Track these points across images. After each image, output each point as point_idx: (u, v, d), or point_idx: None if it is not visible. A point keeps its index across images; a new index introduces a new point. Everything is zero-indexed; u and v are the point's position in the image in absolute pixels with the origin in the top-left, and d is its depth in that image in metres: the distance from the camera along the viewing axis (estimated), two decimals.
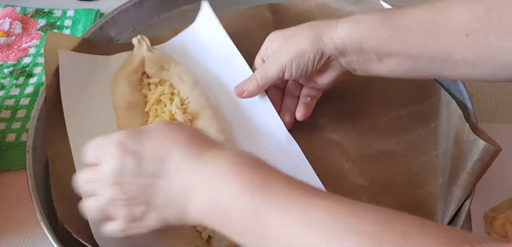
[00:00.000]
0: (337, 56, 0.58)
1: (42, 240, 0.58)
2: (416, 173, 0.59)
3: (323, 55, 0.58)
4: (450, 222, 0.54)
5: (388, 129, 0.63)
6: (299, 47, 0.58)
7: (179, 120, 0.60)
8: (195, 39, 0.71)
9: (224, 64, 0.67)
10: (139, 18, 0.76)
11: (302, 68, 0.59)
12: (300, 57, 0.58)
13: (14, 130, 0.68)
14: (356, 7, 0.75)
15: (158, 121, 0.55)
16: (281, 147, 0.60)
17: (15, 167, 0.64)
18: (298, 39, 0.58)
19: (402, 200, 0.57)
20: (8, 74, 0.74)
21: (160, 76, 0.66)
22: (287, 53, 0.59)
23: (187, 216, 0.43)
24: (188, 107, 0.62)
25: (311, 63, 0.58)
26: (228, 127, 0.62)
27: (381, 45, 0.55)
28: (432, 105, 0.64)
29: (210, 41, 0.70)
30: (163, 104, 0.63)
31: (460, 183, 0.54)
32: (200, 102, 0.62)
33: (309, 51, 0.58)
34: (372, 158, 0.61)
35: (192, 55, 0.70)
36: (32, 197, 0.54)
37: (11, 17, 0.82)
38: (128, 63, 0.67)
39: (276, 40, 0.61)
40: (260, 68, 0.62)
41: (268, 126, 0.62)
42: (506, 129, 0.66)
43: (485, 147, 0.52)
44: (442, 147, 0.60)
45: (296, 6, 0.77)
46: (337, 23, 0.57)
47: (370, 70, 0.58)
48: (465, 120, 0.57)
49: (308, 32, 0.58)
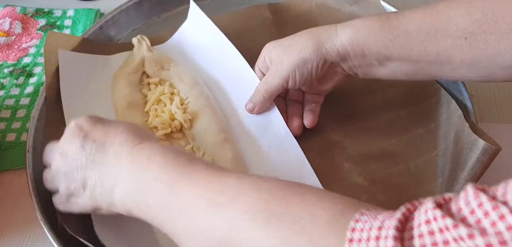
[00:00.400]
0: (339, 61, 0.58)
1: (41, 240, 0.58)
2: (416, 173, 0.60)
3: (325, 61, 0.58)
4: None
5: (388, 129, 0.64)
6: (301, 55, 0.58)
7: (179, 120, 0.61)
8: (191, 38, 0.72)
9: (222, 61, 0.68)
10: (139, 18, 0.77)
11: (306, 76, 0.59)
12: (303, 65, 0.58)
13: (14, 129, 0.68)
14: (356, 7, 0.76)
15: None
16: (281, 145, 0.60)
17: (15, 167, 0.65)
18: (299, 48, 0.58)
19: (402, 199, 0.56)
20: (8, 74, 0.75)
21: (160, 76, 0.67)
22: (289, 62, 0.59)
23: (113, 200, 0.46)
24: (188, 107, 0.63)
25: (315, 71, 0.58)
26: (227, 126, 0.62)
27: (382, 49, 0.56)
28: (432, 105, 0.65)
29: (205, 40, 0.70)
30: (163, 104, 0.63)
31: (460, 182, 0.54)
32: (199, 102, 0.63)
33: (311, 59, 0.58)
34: (372, 158, 0.61)
35: (189, 54, 0.71)
36: (32, 197, 0.55)
37: (11, 17, 0.83)
38: (128, 63, 0.68)
39: (274, 51, 0.61)
40: (263, 80, 0.62)
41: (269, 123, 0.62)
42: (506, 129, 0.66)
43: (485, 147, 0.53)
44: (442, 147, 0.61)
45: (296, 6, 0.77)
46: (336, 29, 0.58)
47: (371, 73, 0.59)
48: (465, 120, 0.57)
49: (308, 40, 0.59)
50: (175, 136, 0.62)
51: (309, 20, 0.75)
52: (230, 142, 0.60)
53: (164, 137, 0.61)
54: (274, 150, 0.60)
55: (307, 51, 0.58)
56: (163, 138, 0.60)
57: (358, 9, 0.75)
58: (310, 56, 0.58)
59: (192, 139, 0.61)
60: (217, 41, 0.68)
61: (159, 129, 0.61)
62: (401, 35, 0.55)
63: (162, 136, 0.60)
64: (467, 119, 0.58)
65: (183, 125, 0.61)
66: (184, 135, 0.62)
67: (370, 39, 0.56)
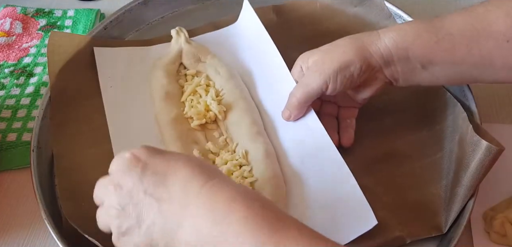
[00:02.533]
0: (382, 66, 0.59)
1: (43, 239, 0.61)
2: (421, 175, 0.62)
3: (369, 65, 0.58)
4: (453, 222, 0.56)
5: (393, 130, 0.66)
6: (344, 58, 0.58)
7: (214, 111, 0.64)
8: (234, 34, 0.75)
9: (262, 61, 0.71)
10: (144, 18, 0.80)
11: (348, 80, 0.58)
12: (346, 68, 0.58)
13: (15, 129, 0.71)
14: (360, 8, 0.78)
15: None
16: (315, 141, 0.61)
17: (15, 166, 0.67)
18: (342, 50, 0.58)
19: (406, 201, 0.60)
20: (8, 74, 0.78)
21: (196, 67, 0.71)
22: (332, 64, 0.58)
23: (176, 242, 0.42)
24: (222, 99, 0.66)
25: (357, 75, 0.58)
26: (260, 120, 0.65)
27: (426, 53, 0.57)
28: (437, 107, 0.67)
29: (250, 38, 0.73)
30: (198, 95, 0.67)
31: (463, 183, 0.57)
32: (234, 94, 0.66)
33: (355, 61, 0.58)
34: (376, 158, 0.63)
35: (229, 49, 0.74)
36: (36, 196, 0.57)
37: (11, 17, 0.85)
38: (166, 54, 0.72)
39: (312, 57, 0.61)
40: (299, 84, 0.61)
41: (302, 119, 0.63)
42: (506, 129, 0.68)
43: (488, 147, 0.55)
44: (446, 149, 0.63)
45: (301, 7, 0.80)
46: (379, 33, 0.59)
47: (412, 79, 0.60)
48: (468, 121, 0.60)
49: (350, 43, 0.59)
50: (209, 127, 0.65)
51: (314, 21, 0.78)
52: (262, 136, 0.63)
53: (198, 127, 0.64)
54: (308, 145, 0.60)
55: (350, 54, 0.58)
56: (198, 128, 0.64)
57: (362, 10, 0.78)
58: (353, 59, 0.58)
59: (226, 130, 0.64)
60: (262, 42, 0.71)
61: (194, 119, 0.64)
62: (446, 38, 0.56)
63: (197, 126, 0.64)
64: (471, 121, 0.61)
65: (217, 116, 0.65)
66: (218, 126, 0.65)
67: (415, 42, 0.57)
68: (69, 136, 0.64)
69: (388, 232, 0.56)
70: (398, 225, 0.57)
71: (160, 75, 0.69)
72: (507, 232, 0.57)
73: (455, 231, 0.55)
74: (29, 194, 0.60)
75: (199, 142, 0.63)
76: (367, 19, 0.78)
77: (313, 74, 0.59)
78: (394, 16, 0.76)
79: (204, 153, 0.62)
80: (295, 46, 0.73)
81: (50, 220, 0.55)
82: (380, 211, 0.56)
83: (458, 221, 0.56)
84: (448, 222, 0.56)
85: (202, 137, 0.64)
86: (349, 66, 0.58)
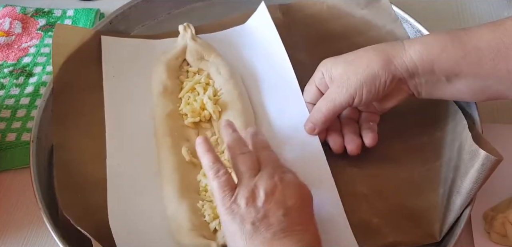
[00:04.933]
0: (406, 79, 0.61)
1: (42, 240, 0.63)
2: (418, 182, 0.64)
3: (394, 78, 0.60)
4: (449, 230, 0.58)
5: (392, 136, 0.68)
6: (369, 71, 0.60)
7: (209, 110, 0.67)
8: (244, 34, 0.78)
9: (270, 65, 0.73)
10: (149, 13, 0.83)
11: (373, 93, 0.61)
12: (371, 81, 0.60)
13: (14, 129, 0.74)
14: (367, 11, 0.81)
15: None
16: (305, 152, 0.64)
17: (15, 166, 0.71)
18: (366, 63, 0.60)
19: (402, 207, 0.62)
20: (8, 74, 0.81)
21: (199, 65, 0.74)
22: (357, 78, 0.60)
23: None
24: (220, 99, 0.69)
25: (382, 88, 0.61)
26: (254, 124, 0.67)
27: (452, 66, 0.59)
28: (438, 114, 0.69)
29: (261, 41, 0.76)
30: (196, 93, 0.70)
31: (461, 192, 0.58)
32: (232, 95, 0.69)
33: (380, 75, 0.60)
34: (374, 164, 0.65)
35: (237, 49, 0.77)
36: (34, 188, 0.59)
37: (11, 16, 0.89)
38: (171, 49, 0.75)
39: (336, 67, 0.63)
40: (325, 98, 0.63)
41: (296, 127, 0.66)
42: (506, 129, 0.70)
43: (486, 157, 0.57)
44: (446, 156, 0.65)
45: (307, 7, 0.83)
46: (404, 45, 0.61)
47: (436, 92, 0.62)
48: (468, 130, 0.62)
49: (375, 55, 0.61)
50: (203, 125, 0.68)
51: (321, 22, 0.81)
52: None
53: (192, 125, 0.67)
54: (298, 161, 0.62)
55: (375, 67, 0.60)
56: (192, 126, 0.67)
57: (369, 12, 0.81)
58: (379, 72, 0.60)
59: (218, 131, 0.67)
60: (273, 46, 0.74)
61: (188, 117, 0.67)
62: (472, 52, 0.58)
63: (190, 124, 0.67)
64: (472, 129, 0.62)
65: (212, 116, 0.67)
66: (212, 126, 0.68)
67: (442, 56, 0.59)
68: (69, 128, 0.67)
69: (382, 238, 0.58)
70: (392, 232, 0.59)
71: (161, 69, 0.72)
72: (508, 232, 0.59)
73: (450, 239, 0.57)
74: (29, 194, 0.62)
75: (190, 140, 0.66)
76: (373, 22, 0.80)
77: (338, 89, 0.62)
78: (401, 20, 0.79)
79: (193, 151, 0.63)
80: (301, 46, 0.77)
81: (48, 216, 0.57)
82: (375, 217, 0.59)
83: (454, 229, 0.58)
84: (443, 230, 0.58)
85: (194, 135, 0.67)
86: (374, 80, 0.60)
